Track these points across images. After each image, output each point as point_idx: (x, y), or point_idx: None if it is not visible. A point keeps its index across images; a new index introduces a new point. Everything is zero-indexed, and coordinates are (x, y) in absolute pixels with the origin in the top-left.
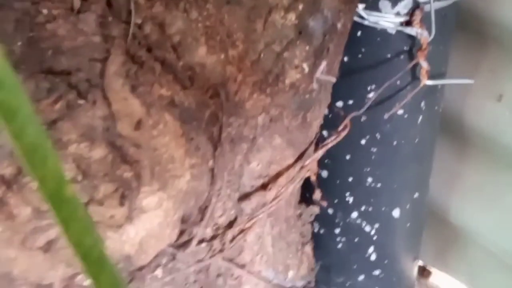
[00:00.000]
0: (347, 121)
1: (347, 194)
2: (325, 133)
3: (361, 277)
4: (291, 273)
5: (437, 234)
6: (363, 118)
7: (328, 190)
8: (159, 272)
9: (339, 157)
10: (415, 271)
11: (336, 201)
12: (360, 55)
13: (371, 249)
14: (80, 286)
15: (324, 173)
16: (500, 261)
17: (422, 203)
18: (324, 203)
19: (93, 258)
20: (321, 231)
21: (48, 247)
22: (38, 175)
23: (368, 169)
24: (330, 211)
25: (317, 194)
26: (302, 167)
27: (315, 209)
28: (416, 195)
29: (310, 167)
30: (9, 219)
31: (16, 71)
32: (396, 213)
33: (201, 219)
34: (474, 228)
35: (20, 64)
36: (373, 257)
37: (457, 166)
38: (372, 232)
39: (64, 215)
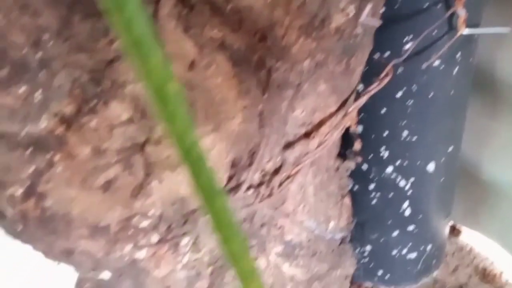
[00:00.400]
0: (389, 68)
1: (382, 148)
2: (360, 86)
3: (395, 233)
4: (331, 224)
5: (467, 192)
6: (400, 70)
7: (363, 145)
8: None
9: (375, 111)
10: (447, 228)
11: (371, 156)
12: (397, 5)
13: (405, 204)
14: (136, 228)
15: (359, 128)
16: None
17: (456, 157)
18: (359, 159)
19: (193, 156)
20: (355, 188)
21: (106, 186)
22: (144, 69)
23: (404, 122)
24: (365, 166)
25: (357, 145)
26: (345, 115)
27: (350, 164)
28: (450, 148)
29: (351, 116)
30: (69, 158)
31: (71, 12)
32: (431, 167)
33: (250, 164)
34: (506, 184)
35: (76, 5)
36: (407, 212)
37: (488, 121)
38: (407, 187)
39: (168, 111)
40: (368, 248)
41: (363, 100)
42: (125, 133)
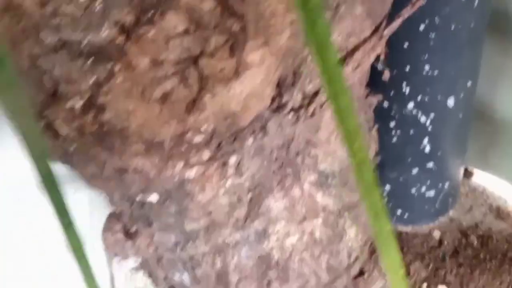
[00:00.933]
0: None
1: (404, 84)
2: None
3: (415, 171)
4: None
5: (479, 132)
6: (423, 2)
7: (383, 83)
8: (251, 140)
9: (397, 46)
10: (462, 167)
11: (392, 93)
12: None
13: (425, 140)
14: (189, 143)
15: (380, 65)
16: None
17: (473, 92)
18: (379, 96)
19: (310, 4)
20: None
21: (163, 99)
22: None
23: (426, 56)
24: (386, 104)
25: (386, 74)
26: (380, 38)
27: (373, 100)
28: (469, 83)
29: (382, 42)
30: (128, 69)
31: None
32: (451, 102)
33: (294, 83)
34: None
35: None
36: (427, 149)
37: (501, 59)
38: (427, 123)
39: None
40: (387, 187)
41: (397, 23)
42: (181, 45)
